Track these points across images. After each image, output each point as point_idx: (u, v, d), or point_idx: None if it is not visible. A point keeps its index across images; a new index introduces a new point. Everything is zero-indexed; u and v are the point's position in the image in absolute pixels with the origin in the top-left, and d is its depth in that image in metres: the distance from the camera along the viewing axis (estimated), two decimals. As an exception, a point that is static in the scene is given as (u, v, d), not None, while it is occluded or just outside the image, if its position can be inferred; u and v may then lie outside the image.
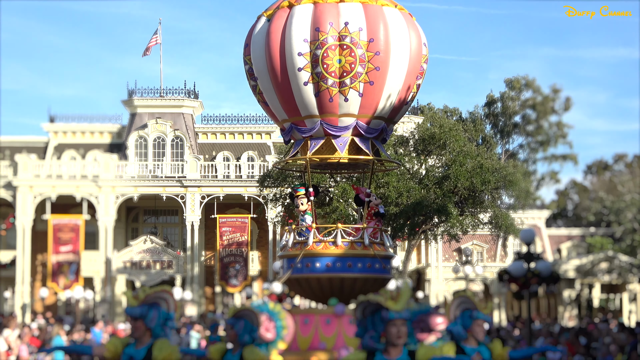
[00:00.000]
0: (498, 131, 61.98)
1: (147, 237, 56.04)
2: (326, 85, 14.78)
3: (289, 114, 15.34)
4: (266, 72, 15.10)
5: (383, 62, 14.80)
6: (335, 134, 15.16)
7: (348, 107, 14.94)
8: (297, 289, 15.28)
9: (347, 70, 14.71)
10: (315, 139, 15.31)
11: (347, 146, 15.25)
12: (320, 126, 15.11)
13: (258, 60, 15.20)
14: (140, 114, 58.24)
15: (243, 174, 56.01)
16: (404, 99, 15.44)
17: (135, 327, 10.33)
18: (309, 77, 14.77)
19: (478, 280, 56.37)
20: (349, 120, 15.10)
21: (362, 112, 15.03)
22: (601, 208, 64.59)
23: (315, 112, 15.06)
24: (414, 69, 15.30)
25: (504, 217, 40.61)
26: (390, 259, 15.40)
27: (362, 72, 14.73)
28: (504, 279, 23.86)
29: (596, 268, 56.86)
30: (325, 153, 15.40)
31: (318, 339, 14.09)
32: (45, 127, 59.43)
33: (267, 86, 15.26)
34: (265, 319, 12.76)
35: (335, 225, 15.21)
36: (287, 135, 15.69)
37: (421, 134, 40.41)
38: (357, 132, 15.21)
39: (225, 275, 55.03)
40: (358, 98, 14.88)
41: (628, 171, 74.14)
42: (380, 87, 14.93)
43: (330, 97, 14.86)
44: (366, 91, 14.86)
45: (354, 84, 14.80)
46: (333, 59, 14.67)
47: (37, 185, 55.11)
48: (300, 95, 14.94)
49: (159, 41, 57.55)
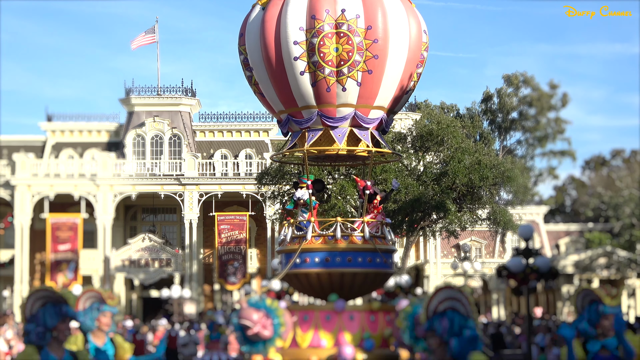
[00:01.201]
0: (496, 127, 61.97)
1: (145, 236, 56.02)
2: (323, 75, 14.34)
3: (286, 105, 14.93)
4: (261, 62, 14.70)
5: (382, 50, 14.36)
6: (333, 124, 14.73)
7: (346, 97, 14.51)
8: (296, 284, 14.86)
9: (344, 58, 14.27)
10: (312, 130, 14.88)
11: (345, 137, 14.81)
12: (318, 117, 14.68)
13: (253, 50, 14.79)
14: (137, 113, 58.19)
15: (241, 172, 56.01)
16: (404, 88, 14.99)
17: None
18: (305, 66, 14.36)
19: (477, 276, 56.41)
20: (347, 111, 14.65)
21: (360, 102, 14.60)
22: (599, 203, 64.63)
23: (312, 102, 14.62)
24: (414, 57, 14.85)
25: (502, 213, 40.60)
26: (392, 253, 14.95)
27: (360, 60, 14.30)
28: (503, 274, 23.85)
29: (594, 263, 56.90)
30: (323, 145, 14.97)
31: (318, 336, 13.73)
32: (43, 126, 59.36)
33: (263, 76, 14.84)
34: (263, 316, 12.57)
35: (334, 218, 14.78)
36: (284, 127, 15.30)
37: (419, 131, 40.40)
38: (355, 122, 14.78)
39: (224, 273, 55.03)
40: (356, 87, 14.45)
41: (626, 167, 74.17)
42: (379, 76, 14.47)
43: (327, 87, 14.43)
44: (365, 80, 14.42)
45: (352, 73, 14.35)
46: (330, 48, 14.24)
47: (35, 184, 55.08)
48: (296, 86, 14.51)
49: (156, 40, 57.51)
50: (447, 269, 55.41)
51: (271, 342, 12.79)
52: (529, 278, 22.94)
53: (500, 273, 24.27)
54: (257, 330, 12.59)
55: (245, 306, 12.75)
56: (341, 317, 13.80)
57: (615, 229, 60.48)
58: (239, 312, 12.76)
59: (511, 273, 23.17)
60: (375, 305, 14.12)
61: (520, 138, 64.94)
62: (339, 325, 13.76)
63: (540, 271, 22.81)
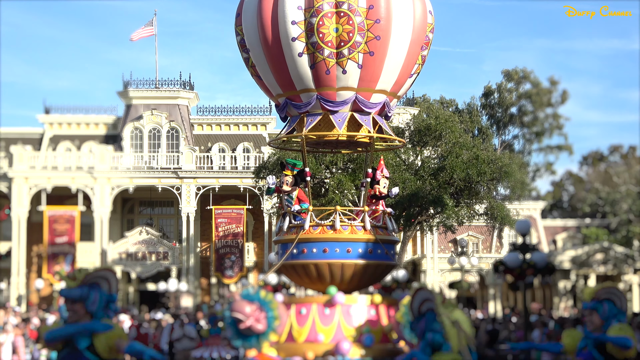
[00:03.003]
0: (494, 122, 61.96)
1: (142, 229, 56.01)
2: (322, 57, 13.54)
3: (284, 88, 14.12)
4: (258, 43, 13.86)
5: (384, 31, 13.50)
6: (332, 109, 13.89)
7: (346, 79, 13.70)
8: (294, 276, 14.10)
9: (344, 39, 13.45)
10: (312, 115, 14.07)
11: (346, 122, 13.99)
12: (317, 101, 13.86)
13: (250, 30, 13.96)
14: (135, 106, 58.15)
15: (239, 165, 55.98)
16: (408, 71, 14.13)
17: (74, 310, 9.44)
18: (303, 47, 13.56)
19: (473, 271, 56.46)
20: (347, 94, 13.82)
21: (362, 86, 13.80)
22: (597, 199, 64.64)
23: (311, 85, 13.79)
24: (418, 38, 13.97)
25: (499, 208, 40.61)
26: (394, 244, 14.19)
27: (361, 41, 13.47)
28: (500, 270, 23.85)
29: (591, 259, 56.98)
30: (323, 130, 14.21)
31: (315, 330, 13.14)
32: (41, 118, 59.31)
33: (260, 58, 14.01)
34: (256, 309, 11.98)
35: (333, 207, 13.99)
36: (282, 112, 14.49)
37: (417, 125, 40.39)
38: (356, 107, 13.94)
39: (221, 267, 55.04)
40: (357, 70, 13.63)
41: (623, 162, 74.20)
42: (382, 58, 13.64)
43: (327, 69, 13.61)
44: (366, 62, 13.58)
45: (353, 55, 13.53)
46: (329, 28, 13.42)
47: (33, 177, 55.02)
48: (294, 68, 13.69)
49: (154, 32, 57.43)
50: (444, 263, 55.46)
51: (265, 337, 12.18)
52: (525, 273, 22.96)
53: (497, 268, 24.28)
54: (250, 323, 12.01)
55: (238, 298, 12.15)
56: (340, 311, 13.23)
57: (613, 225, 60.51)
58: (231, 305, 12.15)
59: (508, 268, 23.18)
60: (377, 299, 13.59)
61: (518, 133, 64.98)
62: (337, 319, 13.18)
63: (537, 266, 22.82)
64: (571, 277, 58.20)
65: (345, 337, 13.06)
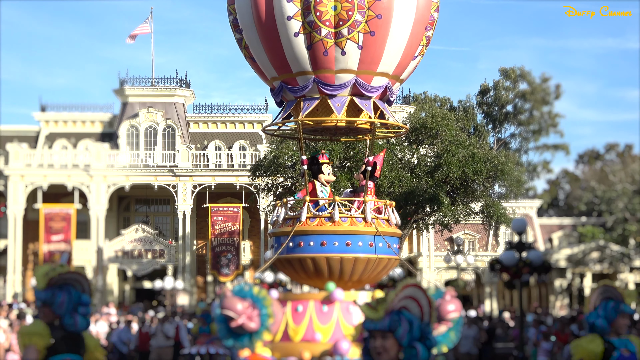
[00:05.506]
0: (490, 120, 62.03)
1: (138, 226, 56.00)
2: (320, 37, 12.65)
3: (279, 71, 13.21)
4: (252, 23, 13.01)
5: (386, 9, 12.58)
6: (331, 93, 12.99)
7: (345, 61, 12.82)
8: (289, 271, 13.26)
9: (343, 18, 12.54)
10: (308, 99, 13.16)
11: (345, 107, 13.07)
12: (314, 84, 12.95)
13: (243, 8, 13.11)
14: (131, 103, 58.12)
15: (235, 164, 55.99)
16: (411, 52, 13.28)
17: (43, 312, 9.21)
18: (299, 27, 12.65)
19: (470, 269, 56.49)
20: (346, 77, 12.92)
21: (362, 68, 12.92)
22: (592, 197, 64.71)
23: (307, 67, 12.92)
24: (423, 17, 13.09)
25: (495, 207, 40.63)
26: (396, 237, 13.28)
27: (361, 20, 12.56)
28: (496, 268, 23.89)
29: (587, 257, 57.04)
30: (320, 115, 13.31)
31: (312, 329, 12.44)
32: (37, 116, 59.25)
33: (254, 39, 13.14)
34: (248, 306, 11.34)
35: (331, 198, 13.06)
36: (277, 96, 13.59)
37: (413, 124, 40.40)
38: (356, 90, 13.04)
39: (217, 265, 55.05)
40: (357, 51, 12.75)
41: (619, 160, 74.30)
42: (383, 38, 12.76)
43: (324, 50, 12.74)
44: (366, 43, 12.69)
45: (352, 35, 12.62)
46: (327, 6, 12.53)
47: (29, 175, 54.98)
48: (290, 49, 12.81)
49: (150, 30, 57.40)
50: (440, 262, 55.48)
51: (258, 336, 11.45)
52: (521, 272, 23.00)
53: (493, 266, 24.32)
54: (242, 322, 11.29)
55: (229, 295, 11.36)
56: (339, 308, 12.55)
57: (608, 223, 60.59)
58: (222, 302, 11.33)
59: (504, 266, 23.23)
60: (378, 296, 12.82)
61: (515, 131, 65.06)
62: (336, 317, 12.50)
63: (533, 265, 22.87)
64: (567, 275, 58.27)
65: (344, 336, 12.36)
